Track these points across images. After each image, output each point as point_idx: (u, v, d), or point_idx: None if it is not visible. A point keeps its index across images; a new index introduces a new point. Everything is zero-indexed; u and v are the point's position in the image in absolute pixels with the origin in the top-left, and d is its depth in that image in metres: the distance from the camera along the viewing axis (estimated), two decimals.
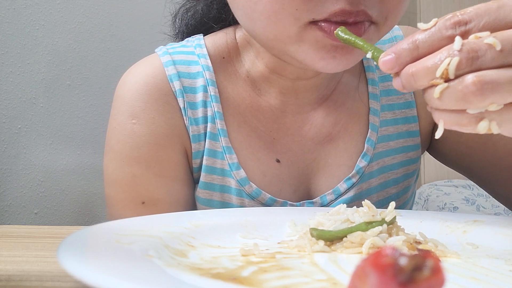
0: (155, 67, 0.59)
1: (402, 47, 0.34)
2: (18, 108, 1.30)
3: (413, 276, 0.18)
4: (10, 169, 1.29)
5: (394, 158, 0.62)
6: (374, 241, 0.36)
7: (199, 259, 0.33)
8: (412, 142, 0.63)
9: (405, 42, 0.34)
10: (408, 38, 0.34)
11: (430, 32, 0.33)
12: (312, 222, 0.41)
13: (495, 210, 2.06)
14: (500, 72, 0.30)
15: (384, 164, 0.62)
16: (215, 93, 0.59)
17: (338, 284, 0.28)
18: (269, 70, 0.58)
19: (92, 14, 1.41)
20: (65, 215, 1.37)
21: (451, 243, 0.39)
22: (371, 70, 0.63)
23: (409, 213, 0.49)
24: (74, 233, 0.32)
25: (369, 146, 0.60)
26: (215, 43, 0.62)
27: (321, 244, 0.37)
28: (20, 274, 0.33)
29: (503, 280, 0.30)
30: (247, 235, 0.41)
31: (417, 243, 0.38)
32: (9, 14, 1.28)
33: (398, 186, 0.63)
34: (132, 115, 0.57)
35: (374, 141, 0.61)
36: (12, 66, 1.29)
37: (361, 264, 0.20)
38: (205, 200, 0.59)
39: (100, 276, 0.23)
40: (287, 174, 0.59)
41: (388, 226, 0.38)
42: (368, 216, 0.38)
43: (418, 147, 0.64)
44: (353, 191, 0.60)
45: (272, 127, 0.60)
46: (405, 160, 0.63)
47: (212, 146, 0.58)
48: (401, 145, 0.63)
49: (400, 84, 0.35)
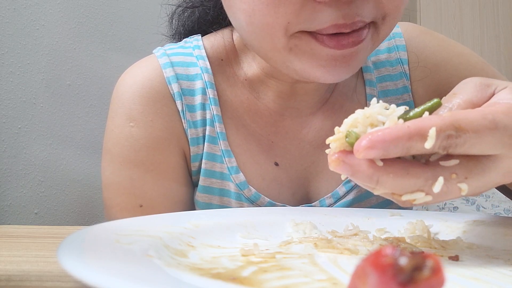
0: (153, 69, 0.58)
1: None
2: (18, 108, 1.30)
3: (413, 276, 0.18)
4: (10, 169, 1.29)
5: None
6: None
7: (199, 259, 0.33)
8: None
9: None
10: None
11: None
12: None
13: (495, 210, 2.06)
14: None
15: None
16: (214, 96, 0.58)
17: (338, 284, 0.28)
18: (266, 74, 0.57)
19: (92, 14, 1.41)
20: (65, 215, 1.37)
21: (451, 243, 0.39)
22: (368, 70, 0.63)
23: (409, 213, 0.49)
24: (74, 233, 0.32)
25: None
26: (213, 45, 0.61)
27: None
28: (20, 274, 0.33)
29: (503, 280, 0.30)
30: (247, 235, 0.41)
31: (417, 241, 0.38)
32: (9, 14, 1.28)
33: None
34: (129, 118, 0.57)
35: None
36: (12, 66, 1.29)
37: (361, 264, 0.20)
38: (204, 204, 0.59)
39: (100, 276, 0.23)
40: (285, 177, 0.59)
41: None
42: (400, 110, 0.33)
43: None
44: (352, 194, 0.60)
45: (270, 130, 0.60)
46: None
47: (211, 150, 0.58)
48: None
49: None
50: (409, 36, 0.64)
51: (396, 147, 0.29)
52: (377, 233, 0.43)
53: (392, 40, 0.63)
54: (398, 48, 0.63)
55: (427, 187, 0.30)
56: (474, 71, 0.60)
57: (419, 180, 0.30)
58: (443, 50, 0.62)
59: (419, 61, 0.62)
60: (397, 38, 0.63)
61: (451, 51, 0.63)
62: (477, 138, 0.29)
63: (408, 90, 0.62)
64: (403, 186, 0.30)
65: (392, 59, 0.63)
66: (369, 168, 0.30)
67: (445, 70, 0.61)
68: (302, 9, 0.42)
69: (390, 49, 0.63)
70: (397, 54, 0.63)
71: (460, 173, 0.30)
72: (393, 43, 0.63)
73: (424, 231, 0.41)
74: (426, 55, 0.62)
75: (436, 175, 0.30)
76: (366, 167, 0.30)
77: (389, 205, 0.62)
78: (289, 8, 0.42)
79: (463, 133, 0.29)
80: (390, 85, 0.62)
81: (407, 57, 0.63)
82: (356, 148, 0.29)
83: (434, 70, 0.61)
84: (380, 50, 0.63)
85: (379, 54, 0.63)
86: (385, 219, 0.46)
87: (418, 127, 0.29)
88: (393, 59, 0.63)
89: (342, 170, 0.31)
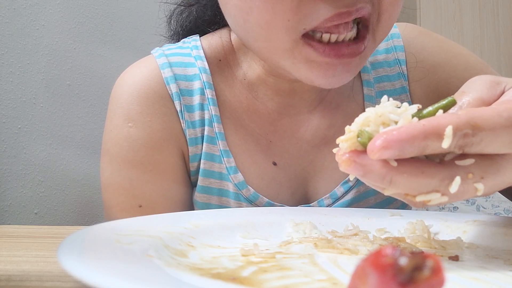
0: (151, 69, 0.58)
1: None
2: (18, 108, 1.30)
3: (413, 276, 0.18)
4: (10, 169, 1.29)
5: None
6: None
7: (199, 259, 0.33)
8: None
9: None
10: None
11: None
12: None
13: (495, 210, 2.06)
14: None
15: None
16: (212, 96, 0.58)
17: (338, 284, 0.28)
18: (266, 72, 0.57)
19: (92, 14, 1.41)
20: (65, 215, 1.37)
21: (451, 243, 0.39)
22: (366, 71, 0.63)
23: (409, 213, 0.49)
24: (74, 233, 0.32)
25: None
26: (211, 45, 0.61)
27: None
28: (20, 274, 0.33)
29: (503, 280, 0.30)
30: (247, 235, 0.41)
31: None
32: (9, 14, 1.28)
33: None
34: (128, 118, 0.57)
35: None
36: (12, 66, 1.29)
37: (361, 264, 0.20)
38: (203, 204, 0.59)
39: (100, 276, 0.23)
40: (284, 177, 0.59)
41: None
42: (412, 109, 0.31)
43: None
44: (351, 194, 0.60)
45: (268, 130, 0.59)
46: None
47: (209, 150, 0.58)
48: None
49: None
50: (407, 36, 0.64)
51: (412, 146, 0.28)
52: (377, 233, 0.43)
53: (390, 40, 0.63)
54: (396, 49, 0.63)
55: (443, 187, 0.29)
56: (473, 72, 0.60)
57: (435, 180, 0.29)
58: (441, 51, 0.63)
59: (417, 61, 0.62)
60: (395, 39, 0.63)
61: (449, 52, 0.63)
62: (494, 136, 0.28)
63: (406, 90, 0.62)
64: (417, 187, 0.29)
65: (390, 59, 0.63)
66: (382, 168, 0.29)
67: (443, 71, 0.61)
68: (301, 5, 0.42)
69: (388, 49, 0.63)
70: (395, 54, 0.63)
71: (476, 172, 0.29)
72: (391, 43, 0.63)
73: (424, 231, 0.41)
74: (425, 56, 0.62)
75: (452, 174, 0.29)
76: (379, 167, 0.29)
77: (388, 205, 0.62)
78: (287, 5, 0.42)
79: (479, 131, 0.28)
80: (388, 85, 0.62)
81: (405, 58, 0.63)
82: (371, 148, 0.28)
83: (433, 71, 0.61)
84: (378, 51, 0.63)
85: (377, 55, 0.63)
86: (385, 219, 0.46)
87: (434, 126, 0.28)
88: (391, 59, 0.63)
89: (353, 170, 0.30)
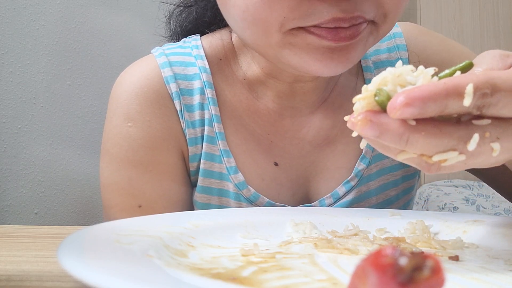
0: (151, 69, 0.58)
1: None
2: (18, 108, 1.30)
3: (413, 276, 0.18)
4: (10, 169, 1.29)
5: (393, 160, 0.61)
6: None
7: (199, 259, 0.33)
8: None
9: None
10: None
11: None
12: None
13: (495, 210, 2.07)
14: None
15: (383, 166, 0.61)
16: (212, 96, 0.58)
17: (338, 284, 0.28)
18: (266, 74, 0.57)
19: (92, 14, 1.41)
20: (65, 215, 1.37)
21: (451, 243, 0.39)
22: (369, 70, 0.62)
23: (409, 213, 0.49)
24: (74, 233, 0.32)
25: (368, 148, 0.60)
26: (212, 45, 0.61)
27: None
28: (20, 274, 0.33)
29: (503, 280, 0.30)
30: (247, 235, 0.41)
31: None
32: (9, 14, 1.28)
33: (398, 188, 0.63)
34: (127, 118, 0.57)
35: None
36: (12, 66, 1.29)
37: (361, 264, 0.20)
38: (203, 204, 0.59)
39: (100, 276, 0.23)
40: (285, 177, 0.59)
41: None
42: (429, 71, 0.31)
43: None
44: (352, 194, 0.59)
45: (269, 130, 0.59)
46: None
47: (209, 150, 0.58)
48: None
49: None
50: (410, 36, 0.64)
51: (434, 104, 0.27)
52: (377, 233, 0.43)
53: (392, 40, 0.63)
54: (398, 48, 0.63)
55: (461, 146, 0.28)
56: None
57: (452, 138, 0.28)
58: (444, 50, 0.63)
59: (420, 60, 0.62)
60: (397, 38, 0.63)
61: (451, 51, 0.63)
62: (511, 97, 0.28)
63: None
64: (435, 145, 0.28)
65: (393, 58, 0.63)
66: (400, 126, 0.28)
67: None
68: (299, 4, 0.42)
69: (391, 49, 0.63)
70: (398, 53, 0.63)
71: (493, 132, 0.29)
72: (394, 42, 0.63)
73: (424, 231, 0.41)
74: (427, 55, 0.62)
75: (470, 133, 0.28)
76: (397, 126, 0.28)
77: (389, 205, 0.62)
78: (285, 4, 0.42)
79: (497, 92, 0.28)
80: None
81: (407, 57, 0.63)
82: (392, 106, 0.27)
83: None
84: (381, 50, 0.63)
85: (380, 54, 0.63)
86: (385, 219, 0.46)
87: (455, 84, 0.28)
88: (394, 58, 0.63)
89: (369, 131, 0.29)
